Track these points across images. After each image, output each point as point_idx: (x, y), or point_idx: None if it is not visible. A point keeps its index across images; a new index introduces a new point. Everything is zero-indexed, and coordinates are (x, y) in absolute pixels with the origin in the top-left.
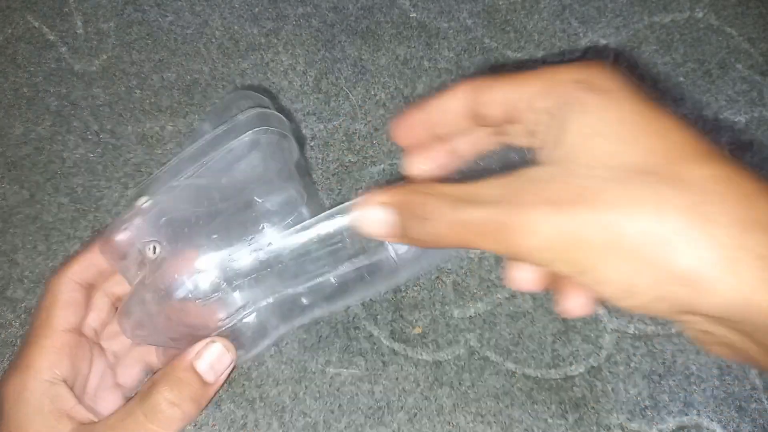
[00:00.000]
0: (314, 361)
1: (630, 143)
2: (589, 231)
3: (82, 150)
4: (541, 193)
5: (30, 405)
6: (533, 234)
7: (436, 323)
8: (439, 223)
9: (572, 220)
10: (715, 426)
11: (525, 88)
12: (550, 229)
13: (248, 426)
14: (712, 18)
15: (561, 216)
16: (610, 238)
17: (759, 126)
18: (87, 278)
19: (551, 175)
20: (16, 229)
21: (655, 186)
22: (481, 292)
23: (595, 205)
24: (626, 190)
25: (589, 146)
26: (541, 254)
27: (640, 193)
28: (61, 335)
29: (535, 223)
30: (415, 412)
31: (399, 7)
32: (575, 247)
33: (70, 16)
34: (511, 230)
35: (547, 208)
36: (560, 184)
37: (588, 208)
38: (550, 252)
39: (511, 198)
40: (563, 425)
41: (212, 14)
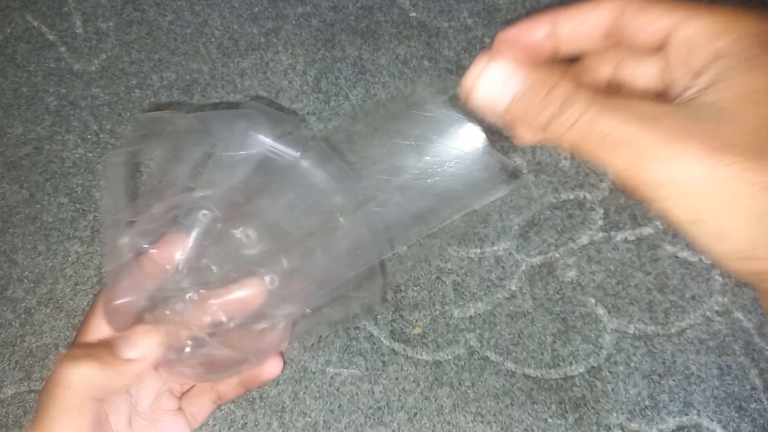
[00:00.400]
0: (314, 361)
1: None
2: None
3: (82, 150)
4: (686, 127)
5: None
6: (667, 167)
7: (436, 323)
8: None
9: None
10: (715, 426)
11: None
12: (689, 167)
13: (248, 426)
14: None
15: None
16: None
17: None
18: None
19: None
20: (16, 229)
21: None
22: (481, 292)
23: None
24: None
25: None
26: (662, 188)
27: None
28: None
29: (674, 159)
30: (415, 412)
31: (399, 7)
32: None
33: (69, 15)
34: (644, 155)
35: (690, 144)
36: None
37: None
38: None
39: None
40: (563, 425)
41: (212, 14)
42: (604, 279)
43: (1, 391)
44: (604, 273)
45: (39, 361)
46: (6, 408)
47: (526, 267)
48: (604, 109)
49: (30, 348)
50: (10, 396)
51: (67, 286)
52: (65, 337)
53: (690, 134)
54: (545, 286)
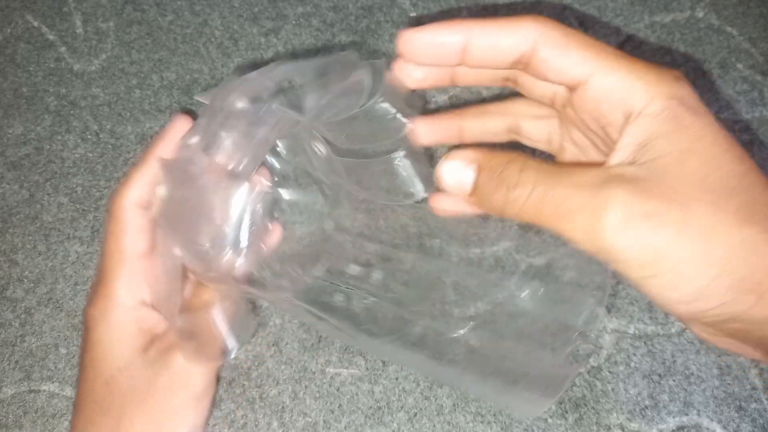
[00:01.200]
0: (314, 361)
1: (720, 165)
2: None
3: (82, 150)
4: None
5: (114, 327)
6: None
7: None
8: (521, 192)
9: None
10: (715, 426)
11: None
12: (633, 232)
13: (248, 426)
14: (713, 17)
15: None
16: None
17: (759, 126)
18: (147, 198)
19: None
20: (16, 229)
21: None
22: (481, 292)
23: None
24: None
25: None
26: (614, 253)
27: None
28: (134, 262)
29: (620, 226)
30: (415, 412)
31: (399, 7)
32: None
33: (69, 15)
34: (593, 225)
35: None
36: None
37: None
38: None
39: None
40: (563, 425)
41: (212, 14)
42: (604, 279)
43: (1, 391)
44: (604, 273)
45: (39, 361)
46: (6, 408)
47: (525, 267)
48: (550, 186)
49: (30, 348)
50: (10, 396)
51: (67, 286)
52: (65, 337)
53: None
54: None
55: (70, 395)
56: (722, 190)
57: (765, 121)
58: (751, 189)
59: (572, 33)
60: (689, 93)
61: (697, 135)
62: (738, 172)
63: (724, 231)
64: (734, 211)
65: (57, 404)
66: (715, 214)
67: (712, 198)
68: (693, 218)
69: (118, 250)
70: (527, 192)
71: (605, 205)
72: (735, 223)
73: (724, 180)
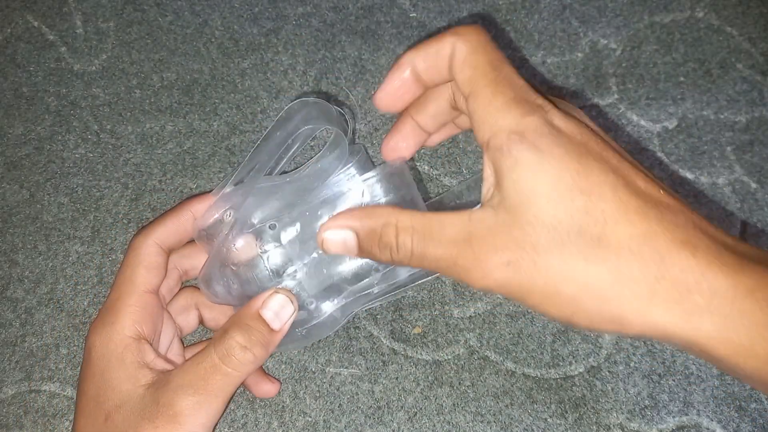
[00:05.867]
0: (314, 361)
1: (564, 204)
2: (533, 281)
3: (82, 150)
4: (492, 242)
5: (114, 356)
6: (487, 278)
7: (435, 323)
8: (404, 253)
9: (519, 272)
10: (715, 426)
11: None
12: (501, 276)
13: (248, 425)
14: (713, 18)
15: (509, 267)
16: (551, 290)
17: (759, 126)
18: (169, 244)
19: (499, 225)
20: (16, 229)
21: (587, 247)
22: (481, 292)
23: (537, 261)
24: (564, 250)
25: (529, 203)
26: (494, 291)
27: (575, 252)
28: (144, 296)
29: (488, 270)
30: (414, 412)
31: (399, 7)
32: (523, 291)
33: (69, 15)
34: (470, 273)
35: (497, 259)
36: (507, 236)
37: (532, 264)
38: (502, 291)
39: (468, 242)
40: (563, 425)
41: (212, 14)
42: None
43: (2, 391)
44: None
45: (39, 361)
46: (6, 408)
47: None
48: (424, 243)
49: (30, 348)
50: (10, 396)
51: (67, 286)
52: (66, 337)
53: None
54: None
55: (71, 395)
56: (565, 233)
57: (765, 121)
58: (593, 224)
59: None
60: (534, 128)
61: (536, 174)
62: (579, 207)
63: (570, 274)
64: (579, 252)
65: (58, 404)
66: (561, 258)
67: (558, 242)
68: (544, 265)
69: (132, 281)
70: (408, 254)
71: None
72: (581, 264)
73: (566, 220)
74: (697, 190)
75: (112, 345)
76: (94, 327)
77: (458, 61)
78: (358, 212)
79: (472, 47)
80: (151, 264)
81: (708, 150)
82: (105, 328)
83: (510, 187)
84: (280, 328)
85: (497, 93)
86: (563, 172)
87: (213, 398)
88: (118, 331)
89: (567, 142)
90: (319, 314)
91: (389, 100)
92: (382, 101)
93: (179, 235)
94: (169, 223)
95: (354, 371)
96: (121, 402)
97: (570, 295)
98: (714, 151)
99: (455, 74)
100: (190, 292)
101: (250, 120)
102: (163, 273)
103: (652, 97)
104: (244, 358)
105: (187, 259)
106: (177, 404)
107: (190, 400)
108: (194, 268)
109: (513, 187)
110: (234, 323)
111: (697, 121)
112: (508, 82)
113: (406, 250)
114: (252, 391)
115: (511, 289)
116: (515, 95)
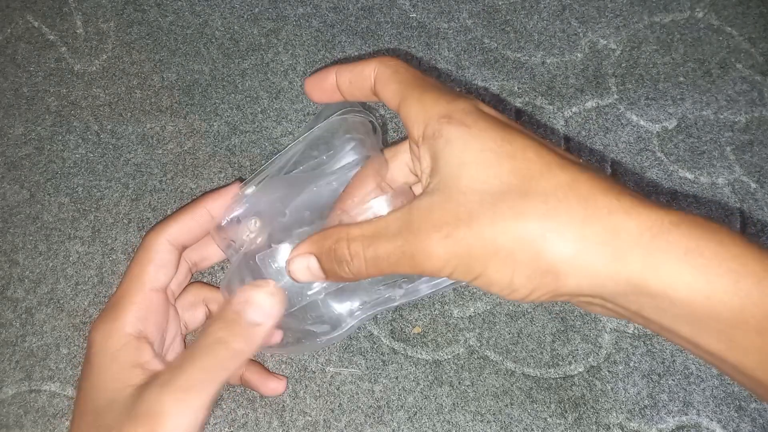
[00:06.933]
0: (314, 361)
1: (492, 168)
2: (472, 247)
3: (83, 150)
4: (430, 221)
5: (110, 354)
6: (432, 257)
7: (435, 323)
8: (358, 261)
9: (458, 242)
10: (715, 426)
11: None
12: (443, 250)
13: (249, 425)
14: (713, 18)
15: (449, 240)
16: (490, 250)
17: (759, 126)
18: (182, 241)
19: (435, 203)
20: (17, 229)
21: (516, 203)
22: (481, 292)
23: (472, 225)
24: (495, 210)
25: (459, 174)
26: (442, 270)
27: (506, 210)
28: (150, 294)
29: (431, 248)
30: (414, 411)
31: (399, 7)
32: (466, 261)
33: (70, 15)
34: (415, 257)
35: (436, 235)
36: (443, 211)
37: (468, 230)
38: (449, 266)
39: (409, 229)
40: (562, 424)
41: (212, 14)
42: None
43: (2, 391)
44: None
45: (40, 361)
46: (6, 408)
47: None
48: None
49: (31, 348)
50: (10, 396)
51: (67, 286)
52: (66, 337)
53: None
54: None
55: (71, 395)
56: (495, 193)
57: (765, 121)
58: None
59: (402, 70)
60: (459, 108)
61: (465, 146)
62: (506, 169)
63: (504, 230)
64: (508, 209)
65: (58, 404)
66: (493, 218)
67: (490, 202)
68: (478, 228)
69: (139, 279)
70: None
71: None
72: (511, 220)
73: (495, 182)
74: (696, 190)
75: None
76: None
77: (382, 81)
78: (315, 236)
79: (394, 69)
80: (161, 262)
81: (707, 150)
82: (106, 324)
83: (443, 166)
84: (264, 322)
85: (425, 93)
86: (489, 142)
87: (195, 395)
88: (119, 328)
89: (491, 119)
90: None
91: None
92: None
93: (193, 233)
94: (184, 221)
95: (354, 371)
96: (111, 401)
97: (507, 253)
98: (713, 151)
99: (380, 92)
100: (198, 288)
101: (251, 120)
102: (173, 271)
103: (651, 98)
104: (225, 351)
105: (197, 251)
106: (158, 403)
107: (170, 397)
108: (204, 259)
109: (445, 164)
110: (216, 317)
111: (696, 121)
112: (433, 85)
113: (359, 258)
114: (260, 391)
115: (456, 264)
116: (443, 92)
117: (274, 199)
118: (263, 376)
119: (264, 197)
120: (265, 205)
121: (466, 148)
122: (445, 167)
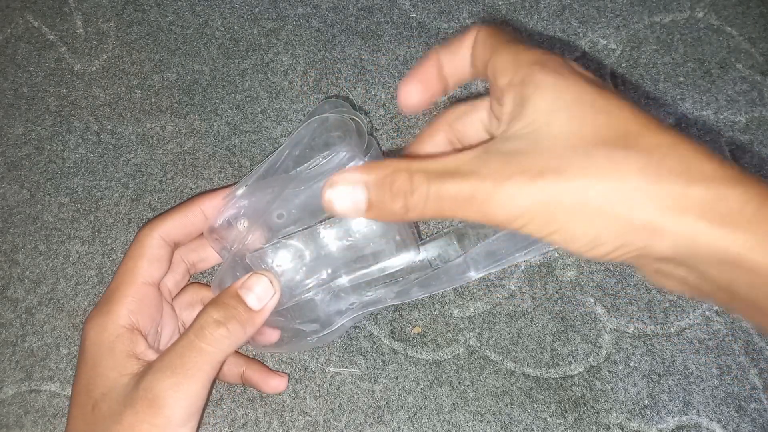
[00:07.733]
0: (314, 361)
1: (587, 119)
2: (560, 197)
3: (83, 150)
4: (513, 166)
5: (105, 345)
6: (510, 204)
7: (435, 323)
8: (419, 196)
9: (544, 190)
10: (715, 426)
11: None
12: (525, 198)
13: (249, 425)
14: (713, 18)
15: (533, 186)
16: (579, 201)
17: (759, 126)
18: (174, 238)
19: (519, 148)
20: (17, 229)
21: (613, 154)
22: (481, 292)
23: (562, 175)
24: (589, 160)
25: (550, 121)
26: (515, 220)
27: (601, 161)
28: (142, 287)
29: (511, 195)
30: (414, 411)
31: (399, 7)
32: (548, 212)
33: (70, 15)
34: (488, 202)
35: (521, 180)
36: (530, 157)
37: (557, 178)
38: (525, 218)
39: (486, 170)
40: (562, 424)
41: (212, 14)
42: (603, 278)
43: (2, 391)
44: (603, 272)
45: (40, 361)
46: (6, 408)
47: (525, 267)
48: (440, 181)
49: (31, 348)
50: (10, 396)
51: (68, 286)
52: (66, 337)
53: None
54: (544, 286)
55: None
56: (589, 144)
57: (764, 121)
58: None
59: (498, 33)
60: (552, 59)
61: (557, 94)
62: (602, 123)
63: (597, 182)
64: (604, 160)
65: (58, 404)
66: (586, 168)
67: (583, 152)
68: (569, 176)
69: (132, 272)
70: (424, 195)
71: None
72: (606, 172)
73: (589, 133)
74: None
75: (104, 334)
76: (90, 316)
77: (480, 39)
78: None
79: (492, 30)
80: (154, 256)
81: None
82: (100, 317)
83: (531, 112)
84: (260, 308)
85: (518, 47)
86: (583, 94)
87: (190, 378)
88: (113, 320)
89: (586, 75)
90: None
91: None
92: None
93: (186, 230)
94: (177, 218)
95: (354, 371)
96: (108, 390)
97: (598, 205)
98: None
99: (477, 46)
100: (197, 288)
101: (251, 120)
102: (165, 266)
103: (651, 98)
104: (218, 332)
105: (195, 252)
106: (155, 387)
107: (167, 382)
108: (201, 260)
109: (534, 110)
110: (212, 302)
111: (696, 121)
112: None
113: (421, 193)
114: (261, 389)
115: (533, 215)
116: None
117: (262, 199)
118: (264, 374)
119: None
120: (254, 206)
121: (559, 96)
122: (534, 113)
